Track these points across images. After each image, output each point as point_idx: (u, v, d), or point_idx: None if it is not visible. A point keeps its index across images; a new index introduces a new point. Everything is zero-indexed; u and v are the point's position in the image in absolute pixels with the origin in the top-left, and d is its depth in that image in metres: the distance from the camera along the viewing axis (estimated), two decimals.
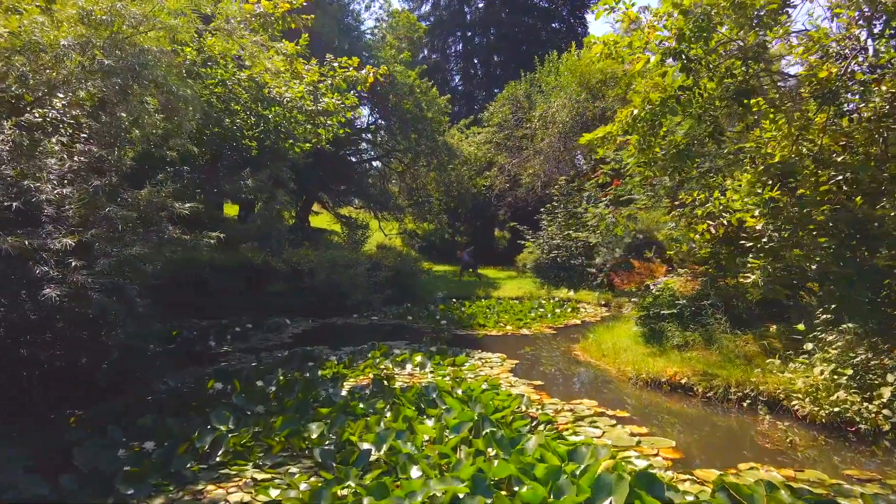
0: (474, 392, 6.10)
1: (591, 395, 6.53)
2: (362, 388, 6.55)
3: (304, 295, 13.49)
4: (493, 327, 11.50)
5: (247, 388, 6.29)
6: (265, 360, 8.33)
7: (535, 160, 20.85)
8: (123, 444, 4.67)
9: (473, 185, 24.71)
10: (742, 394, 6.07)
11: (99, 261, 4.28)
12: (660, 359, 7.44)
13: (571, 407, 5.95)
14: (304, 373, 7.24)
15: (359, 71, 7.81)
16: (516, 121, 21.95)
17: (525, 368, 8.02)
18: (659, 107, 5.04)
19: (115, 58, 4.43)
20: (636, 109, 5.08)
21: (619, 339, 8.95)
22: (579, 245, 18.05)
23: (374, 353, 8.41)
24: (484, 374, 7.36)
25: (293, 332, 11.08)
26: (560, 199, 18.68)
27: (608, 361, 8.09)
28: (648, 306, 8.53)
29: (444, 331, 11.26)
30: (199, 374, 7.40)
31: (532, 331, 11.25)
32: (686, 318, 8.06)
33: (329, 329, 11.76)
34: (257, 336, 10.45)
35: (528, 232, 18.98)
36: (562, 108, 18.19)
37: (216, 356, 8.77)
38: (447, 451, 4.22)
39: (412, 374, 7.53)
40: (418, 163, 23.15)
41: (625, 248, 15.24)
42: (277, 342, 9.99)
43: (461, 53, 38.99)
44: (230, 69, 6.82)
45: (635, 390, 6.88)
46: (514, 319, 12.31)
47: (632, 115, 5.18)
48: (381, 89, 20.64)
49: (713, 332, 7.57)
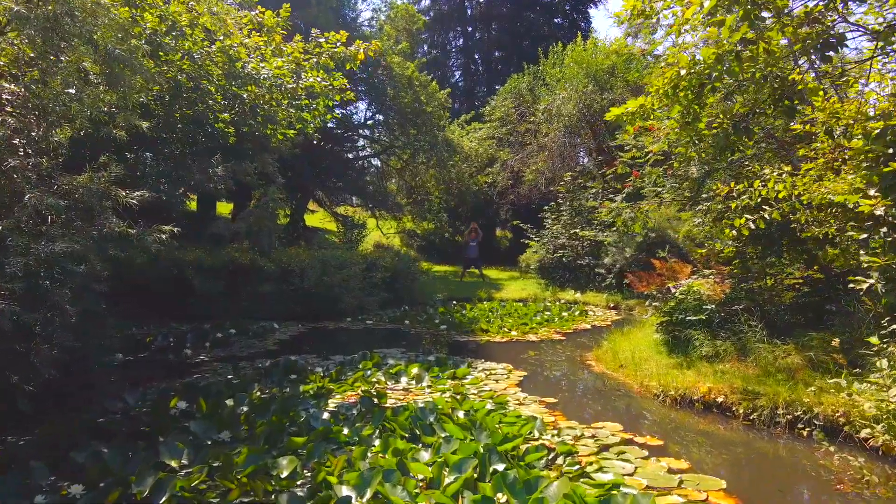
0: (478, 414, 5.22)
1: (614, 416, 5.64)
2: (349, 407, 5.67)
3: (293, 297, 12.63)
4: (496, 332, 10.61)
5: (214, 408, 5.41)
6: (244, 370, 7.45)
7: (538, 156, 19.95)
8: (48, 486, 3.79)
9: (475, 183, 23.82)
10: (792, 416, 5.19)
11: (11, 260, 3.42)
12: (688, 372, 6.56)
13: (593, 432, 5.06)
14: (284, 388, 6.36)
15: (347, 46, 6.92)
16: (519, 115, 21.05)
17: (534, 382, 7.14)
18: (711, 67, 4.09)
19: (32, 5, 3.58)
20: (682, 69, 4.14)
21: (637, 346, 8.07)
22: (586, 244, 17.19)
23: (365, 364, 7.53)
24: (489, 391, 6.47)
25: (280, 337, 10.20)
26: (565, 196, 17.79)
27: (627, 373, 7.21)
28: (671, 311, 7.64)
29: (443, 337, 10.38)
30: (167, 388, 6.52)
31: (539, 336, 10.37)
32: (715, 324, 7.18)
33: (319, 334, 10.88)
34: (240, 342, 9.57)
35: (532, 231, 18.09)
36: (567, 100, 17.29)
37: (190, 366, 7.89)
38: (446, 503, 3.34)
39: (407, 388, 6.65)
40: (417, 159, 22.27)
41: (636, 248, 14.37)
42: (261, 349, 9.11)
43: (461, 49, 38.11)
44: (199, 42, 5.95)
45: (663, 409, 5.99)
46: (518, 324, 11.42)
47: (674, 80, 4.23)
48: (378, 82, 19.80)
49: (747, 342, 6.69)
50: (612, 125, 18.16)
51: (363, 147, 25.23)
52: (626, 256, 14.46)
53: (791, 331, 6.81)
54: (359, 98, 23.04)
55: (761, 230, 6.56)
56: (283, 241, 15.70)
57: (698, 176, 7.29)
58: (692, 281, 7.66)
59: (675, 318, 7.54)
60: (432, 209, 25.01)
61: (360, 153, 24.90)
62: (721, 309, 7.24)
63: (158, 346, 8.94)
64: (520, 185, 21.33)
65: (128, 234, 4.24)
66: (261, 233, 15.06)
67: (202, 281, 12.20)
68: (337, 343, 10.22)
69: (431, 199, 24.64)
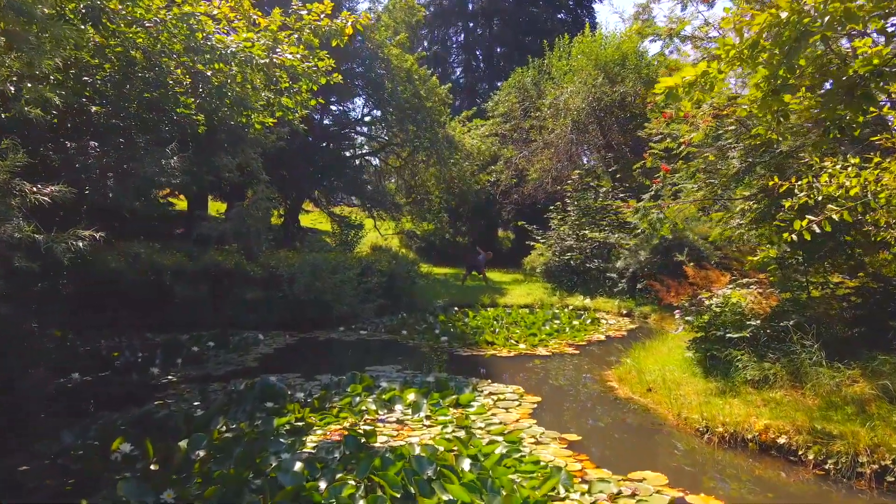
0: (488, 461, 4.22)
1: (654, 462, 4.64)
2: (331, 449, 4.66)
3: (282, 305, 11.64)
4: (502, 345, 9.61)
5: (163, 453, 4.41)
6: (213, 395, 6.45)
7: (544, 153, 18.94)
8: None
9: (476, 182, 22.80)
10: (879, 466, 4.18)
11: None
12: (733, 400, 5.56)
13: (632, 488, 4.05)
14: (256, 421, 5.35)
15: (333, 19, 5.91)
16: (523, 110, 20.04)
17: (551, 410, 6.13)
18: (821, 13, 3.02)
19: None
20: (784, 13, 3.08)
21: (665, 365, 7.07)
22: (595, 246, 16.19)
23: (353, 388, 6.52)
24: (498, 424, 5.45)
25: (263, 351, 9.20)
26: (573, 196, 16.78)
27: (659, 399, 6.20)
28: (706, 326, 6.64)
29: (444, 350, 9.37)
30: (119, 419, 5.52)
31: (549, 349, 9.36)
32: (761, 343, 6.17)
33: (308, 347, 9.88)
34: (218, 357, 8.56)
35: (538, 232, 17.07)
36: (575, 94, 16.26)
37: (155, 388, 6.89)
38: None
39: (402, 420, 5.64)
40: (417, 157, 21.24)
41: (650, 251, 13.38)
42: (239, 366, 8.11)
43: (462, 45, 37.11)
44: (153, 8, 4.96)
45: (709, 450, 4.98)
46: (526, 334, 10.42)
47: (771, 26, 3.13)
48: (376, 75, 18.80)
49: (801, 364, 5.69)
50: (624, 119, 17.21)
51: (361, 145, 24.24)
52: (641, 260, 13.47)
53: (851, 351, 5.80)
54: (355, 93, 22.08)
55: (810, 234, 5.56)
56: (276, 242, 14.68)
57: (738, 170, 6.29)
58: (730, 291, 6.65)
59: (712, 334, 6.53)
60: (432, 209, 23.99)
61: (357, 151, 23.90)
62: (767, 325, 6.23)
63: (124, 363, 7.94)
64: (524, 184, 20.34)
65: (31, 241, 3.24)
66: (249, 234, 14.11)
67: (182, 287, 11.25)
68: (326, 356, 9.22)
69: (431, 198, 23.61)
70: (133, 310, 10.48)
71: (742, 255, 7.70)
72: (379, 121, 22.18)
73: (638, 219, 6.71)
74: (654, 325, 12.41)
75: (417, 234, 27.16)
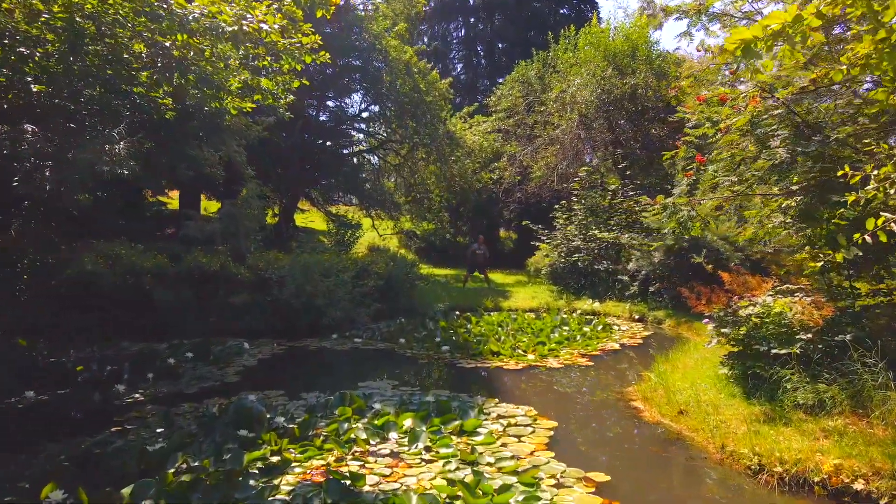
0: None
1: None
2: (309, 497, 3.83)
3: (271, 310, 10.81)
4: (509, 355, 8.78)
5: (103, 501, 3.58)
6: (180, 420, 5.63)
7: (549, 150, 18.11)
8: None
9: (478, 180, 21.96)
10: None
11: None
12: (785, 429, 4.73)
13: None
14: (224, 456, 4.52)
15: None
16: (527, 105, 19.19)
17: (571, 440, 5.30)
18: None
19: None
20: None
21: (695, 382, 6.25)
22: (602, 247, 15.34)
23: (342, 411, 5.68)
24: (510, 460, 4.61)
25: (246, 363, 8.37)
26: (580, 194, 15.94)
27: (694, 425, 5.37)
28: (745, 339, 5.80)
29: (445, 361, 8.55)
30: (63, 451, 4.70)
31: (561, 361, 8.53)
32: (814, 361, 5.34)
33: (296, 357, 9.05)
34: (195, 371, 7.74)
35: (543, 232, 16.23)
36: (583, 86, 15.41)
37: (117, 409, 6.07)
38: None
39: (397, 453, 4.80)
40: (416, 154, 20.40)
41: (664, 252, 12.55)
42: (217, 381, 7.29)
43: (463, 40, 36.26)
44: None
45: (765, 494, 4.14)
46: (534, 343, 9.59)
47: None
48: (374, 69, 17.95)
49: (865, 387, 4.86)
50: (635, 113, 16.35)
51: (359, 141, 23.39)
52: (654, 262, 12.63)
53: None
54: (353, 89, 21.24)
55: None
56: (270, 243, 13.85)
57: (783, 160, 5.45)
58: (772, 300, 5.81)
59: (754, 349, 5.70)
60: (432, 208, 23.15)
61: (354, 148, 23.05)
62: (819, 339, 5.40)
63: (88, 378, 7.11)
64: (528, 182, 19.50)
65: None
66: (239, 235, 13.33)
67: (164, 291, 10.42)
68: (316, 369, 8.39)
69: (431, 197, 22.76)
70: (110, 316, 9.69)
71: (779, 258, 6.86)
72: (377, 117, 21.36)
73: (664, 218, 5.87)
74: (669, 332, 11.59)
75: (417, 234, 26.32)
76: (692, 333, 10.84)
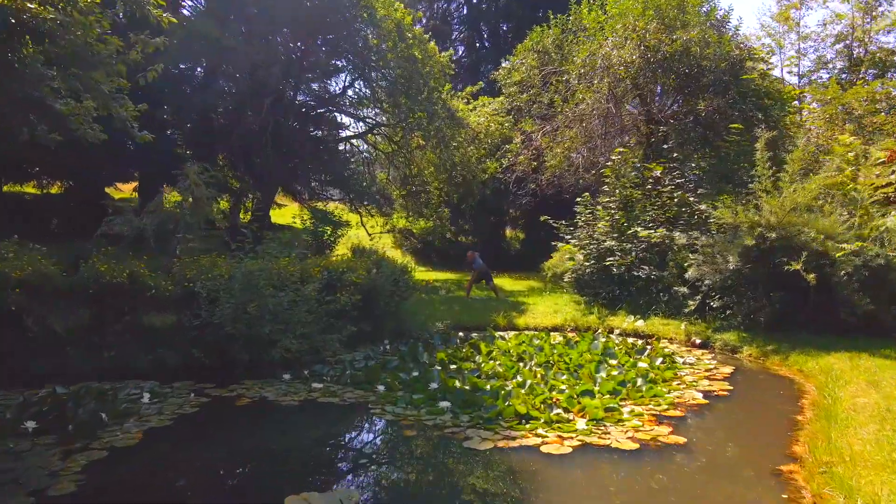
0: None
1: None
2: None
3: (198, 338, 7.66)
4: (545, 419, 5.58)
5: None
6: None
7: (570, 132, 14.90)
8: None
9: (484, 170, 18.77)
10: None
11: None
12: None
13: None
14: None
15: None
16: (543, 78, 15.98)
17: None
18: None
19: None
20: None
21: None
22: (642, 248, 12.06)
23: None
24: None
25: (127, 433, 5.20)
26: (613, 183, 12.77)
27: None
28: None
29: (442, 435, 5.35)
30: None
31: (628, 431, 5.34)
32: None
33: (213, 422, 5.87)
34: (29, 451, 4.56)
35: (568, 229, 13.02)
36: (619, 45, 12.17)
37: None
38: None
39: None
40: (411, 140, 17.18)
41: (740, 256, 9.35)
42: (51, 479, 4.10)
43: (465, 19, 33.18)
44: None
45: None
46: (577, 392, 6.41)
47: None
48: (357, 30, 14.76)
49: None
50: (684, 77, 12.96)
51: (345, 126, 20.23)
52: (726, 268, 9.43)
53: None
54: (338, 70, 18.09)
55: None
56: (225, 245, 10.50)
57: None
58: None
59: None
60: (430, 203, 19.88)
61: (339, 133, 19.85)
62: None
63: None
64: (543, 171, 16.31)
65: None
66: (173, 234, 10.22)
67: (39, 313, 7.30)
68: (229, 452, 5.16)
69: (430, 190, 19.52)
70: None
71: None
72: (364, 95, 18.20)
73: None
74: (751, 365, 8.46)
75: (413, 233, 23.14)
76: (794, 372, 7.71)
